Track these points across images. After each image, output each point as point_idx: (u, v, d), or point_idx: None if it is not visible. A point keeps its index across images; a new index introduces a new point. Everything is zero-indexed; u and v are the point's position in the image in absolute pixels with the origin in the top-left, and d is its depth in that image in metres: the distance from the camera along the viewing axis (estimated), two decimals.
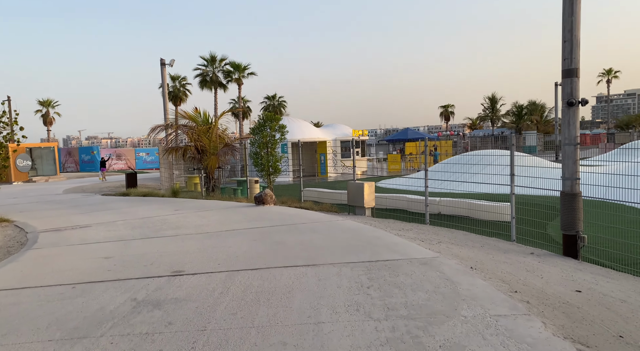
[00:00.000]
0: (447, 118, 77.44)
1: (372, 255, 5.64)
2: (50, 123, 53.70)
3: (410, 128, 50.18)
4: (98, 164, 40.08)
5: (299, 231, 7.50)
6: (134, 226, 8.77)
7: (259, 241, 6.80)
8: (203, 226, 8.43)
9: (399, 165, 29.92)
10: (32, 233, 8.46)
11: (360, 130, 29.08)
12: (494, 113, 59.47)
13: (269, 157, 12.69)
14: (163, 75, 22.30)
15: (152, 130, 13.76)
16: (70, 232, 8.41)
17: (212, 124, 14.33)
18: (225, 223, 8.69)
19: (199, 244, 6.77)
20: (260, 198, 11.14)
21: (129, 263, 5.77)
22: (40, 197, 16.53)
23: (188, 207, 11.54)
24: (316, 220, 8.69)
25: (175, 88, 47.80)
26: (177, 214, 10.18)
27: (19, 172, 26.05)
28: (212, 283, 4.74)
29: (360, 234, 7.08)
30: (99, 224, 9.19)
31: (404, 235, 7.75)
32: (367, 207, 11.24)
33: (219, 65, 44.24)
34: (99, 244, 7.08)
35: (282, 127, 12.93)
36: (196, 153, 14.23)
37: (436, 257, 5.51)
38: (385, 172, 29.67)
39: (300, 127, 26.86)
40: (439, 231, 9.14)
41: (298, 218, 8.88)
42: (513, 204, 8.46)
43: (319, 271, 5.02)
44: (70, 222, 9.71)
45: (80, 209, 12.01)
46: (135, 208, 11.79)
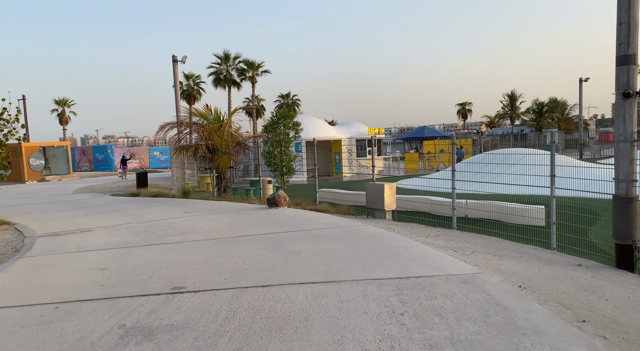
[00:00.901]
0: (464, 116, 75.88)
1: (401, 270, 4.88)
2: (66, 122, 53.92)
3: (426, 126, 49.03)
4: (112, 163, 40.01)
5: (315, 238, 6.78)
6: (137, 230, 8.15)
7: (271, 250, 6.09)
8: (211, 231, 7.77)
9: (417, 164, 28.99)
10: (30, 238, 7.90)
11: (376, 128, 28.25)
12: (514, 111, 57.87)
13: (282, 156, 12.00)
14: (175, 72, 21.78)
15: (160, 128, 13.19)
16: (69, 237, 7.82)
17: (223, 122, 13.69)
18: (235, 227, 8.01)
19: (205, 253, 6.10)
20: (273, 200, 10.45)
21: (125, 276, 5.11)
22: (49, 197, 16.12)
23: (198, 208, 10.91)
24: (334, 225, 7.95)
25: (189, 87, 47.44)
26: (186, 217, 9.55)
27: (32, 171, 25.86)
28: (216, 304, 4.04)
29: (385, 243, 6.32)
30: (102, 228, 8.60)
31: (432, 243, 6.97)
32: (387, 210, 10.46)
33: (233, 63, 43.74)
34: (96, 252, 6.46)
35: (297, 125, 12.22)
36: (207, 153, 13.61)
37: (477, 273, 4.72)
38: (402, 171, 28.79)
39: (314, 126, 26.14)
40: (469, 237, 8.33)
41: (314, 223, 8.16)
42: (554, 208, 7.61)
43: (340, 290, 4.28)
44: (73, 225, 9.15)
45: (85, 211, 11.48)
46: (143, 210, 11.21)
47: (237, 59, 43.60)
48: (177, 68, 21.68)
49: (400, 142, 51.25)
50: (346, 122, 29.76)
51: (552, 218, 7.57)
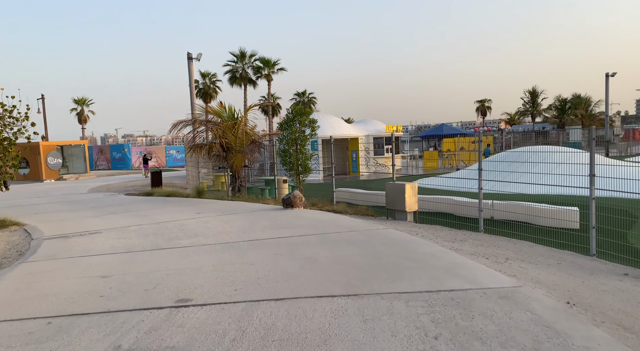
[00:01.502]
0: (483, 113, 74.31)
1: (430, 282, 4.37)
2: (84, 121, 54.45)
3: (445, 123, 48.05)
4: (129, 162, 40.16)
5: (333, 243, 6.30)
6: (147, 233, 7.80)
7: (285, 256, 5.64)
8: (223, 234, 7.36)
9: (436, 162, 28.25)
10: (37, 241, 7.62)
11: (394, 126, 27.60)
12: (535, 108, 56.28)
13: (298, 155, 11.55)
14: (190, 69, 21.52)
15: (173, 126, 12.87)
16: (76, 239, 7.50)
17: (238, 120, 13.31)
18: (248, 230, 7.59)
19: (216, 259, 5.68)
20: (289, 200, 10.00)
21: (128, 285, 4.71)
22: (64, 196, 16.00)
23: (210, 209, 10.54)
24: (352, 228, 7.46)
25: (205, 85, 47.39)
26: (198, 218, 9.18)
27: (49, 170, 25.97)
28: (224, 321, 3.61)
29: (409, 249, 5.81)
30: (111, 230, 8.27)
31: (460, 248, 6.43)
32: (408, 211, 9.92)
33: (249, 61, 43.47)
34: (101, 257, 6.10)
35: (313, 122, 11.75)
36: (221, 151, 13.25)
37: (517, 286, 4.18)
38: (421, 170, 28.09)
39: (331, 123, 25.64)
40: (499, 242, 7.75)
41: (331, 226, 7.68)
42: (593, 211, 6.98)
43: (363, 305, 3.80)
44: (82, 226, 8.86)
45: (97, 211, 11.22)
46: (155, 210, 10.89)
47: (253, 56, 43.33)
48: (192, 65, 21.40)
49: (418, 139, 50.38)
50: (363, 120, 29.18)
51: (591, 222, 6.95)
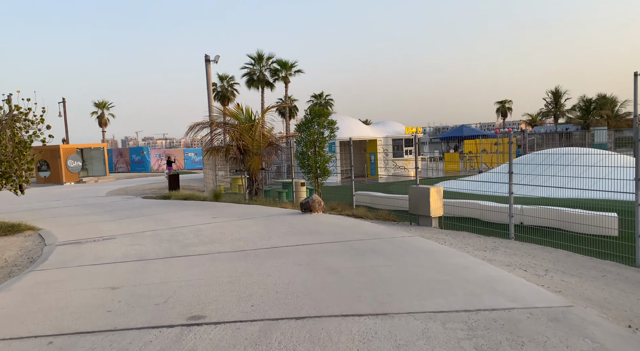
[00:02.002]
0: (504, 114, 72.85)
1: (467, 299, 3.93)
2: (105, 124, 55.20)
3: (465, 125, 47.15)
4: (148, 165, 40.44)
5: (357, 252, 5.90)
6: (161, 239, 7.52)
7: (305, 267, 5.26)
8: (240, 240, 7.03)
9: (457, 165, 27.57)
10: (49, 247, 7.41)
11: (413, 127, 27.04)
12: (558, 109, 54.79)
13: (316, 158, 11.18)
14: (208, 72, 21.38)
15: (190, 129, 12.65)
16: (89, 245, 7.27)
17: (255, 122, 13.02)
18: (265, 237, 7.24)
19: (231, 269, 5.34)
20: (307, 205, 9.64)
21: (138, 298, 4.40)
22: (81, 199, 15.96)
23: (227, 213, 10.25)
24: (376, 235, 7.05)
25: (223, 88, 47.50)
26: (214, 223, 8.88)
27: (69, 172, 26.18)
28: (239, 343, 3.24)
29: (439, 259, 5.37)
30: (125, 235, 8.03)
31: (494, 259, 5.96)
32: (433, 217, 9.45)
33: (266, 64, 43.37)
34: (113, 265, 5.82)
35: (332, 123, 11.37)
36: (238, 154, 12.97)
37: (568, 306, 3.72)
38: (442, 172, 27.44)
39: (348, 125, 25.21)
40: (533, 250, 7.24)
41: (353, 232, 7.28)
42: (639, 218, 6.42)
43: (394, 327, 3.40)
44: (97, 231, 8.65)
45: (113, 215, 11.05)
46: (171, 214, 10.65)
47: (270, 59, 43.22)
48: (209, 68, 21.27)
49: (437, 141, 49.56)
50: (382, 121, 28.68)
51: (637, 230, 6.39)
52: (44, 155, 26.79)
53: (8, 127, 8.81)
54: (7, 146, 8.58)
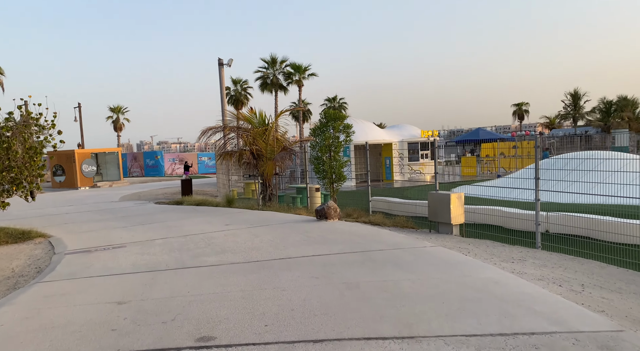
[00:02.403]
0: (520, 117, 71.72)
1: (502, 320, 3.57)
2: (120, 129, 55.70)
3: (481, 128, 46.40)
4: (162, 169, 40.59)
5: (376, 264, 5.56)
6: (172, 247, 7.27)
7: (322, 280, 4.94)
8: (253, 250, 6.74)
9: (474, 169, 26.98)
10: (58, 255, 7.22)
11: (429, 130, 26.57)
12: (577, 111, 53.64)
13: (331, 162, 10.87)
14: (221, 76, 21.27)
15: (202, 133, 12.46)
16: (99, 254, 7.05)
17: (268, 126, 12.77)
18: (279, 246, 6.94)
19: (244, 282, 5.04)
20: (322, 212, 9.32)
21: (145, 315, 4.13)
22: (94, 204, 15.89)
23: (240, 220, 9.98)
24: (395, 244, 6.69)
25: (237, 92, 47.58)
26: (226, 231, 8.62)
27: (84, 177, 26.30)
28: None
29: (465, 273, 5.01)
30: (136, 243, 7.80)
31: (524, 272, 5.56)
32: (454, 224, 9.05)
33: (280, 67, 43.33)
34: (121, 277, 5.58)
35: (348, 127, 11.05)
36: (251, 158, 12.74)
37: (618, 330, 3.33)
38: (458, 176, 26.88)
39: (363, 129, 24.85)
40: (563, 261, 6.81)
41: (371, 241, 6.94)
42: None
43: None
44: (107, 239, 8.45)
45: (125, 221, 10.87)
46: (183, 221, 10.43)
47: (284, 62, 43.17)
48: (222, 71, 21.15)
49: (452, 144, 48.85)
50: (397, 125, 28.26)
51: None
52: (60, 159, 27.02)
53: (19, 133, 8.68)
54: (17, 152, 8.45)
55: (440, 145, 36.12)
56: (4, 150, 8.47)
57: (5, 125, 8.73)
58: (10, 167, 8.54)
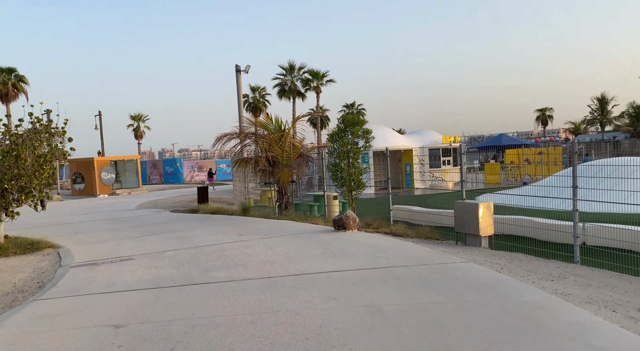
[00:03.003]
0: (544, 122, 69.94)
1: None
2: (140, 136, 56.28)
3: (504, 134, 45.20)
4: (181, 176, 40.70)
5: (401, 283, 5.01)
6: (182, 261, 6.86)
7: (341, 302, 4.43)
8: (266, 264, 6.27)
9: (498, 176, 26.06)
10: (63, 268, 6.88)
11: (451, 136, 25.83)
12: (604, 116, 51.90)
13: (350, 169, 10.36)
14: (238, 82, 21.04)
15: (217, 140, 12.11)
16: (105, 268, 6.68)
17: (285, 131, 12.35)
18: (295, 259, 6.45)
19: (254, 302, 4.56)
20: (341, 222, 8.81)
21: (141, 342, 3.68)
22: (110, 212, 15.70)
23: (255, 230, 9.55)
24: (421, 259, 6.13)
25: (255, 99, 47.55)
26: (240, 242, 8.18)
27: (103, 185, 26.37)
28: None
29: (504, 295, 4.42)
30: (144, 256, 7.42)
31: (568, 292, 4.93)
32: (483, 236, 8.41)
33: (298, 74, 43.13)
34: (124, 295, 5.16)
35: (367, 133, 10.54)
36: (267, 165, 12.32)
37: None
38: (482, 184, 26.00)
39: (382, 135, 24.26)
40: (607, 278, 6.13)
41: (394, 256, 6.39)
42: None
43: None
44: (116, 250, 8.10)
45: (137, 231, 10.55)
46: (196, 230, 10.06)
47: (302, 69, 42.95)
48: (240, 78, 20.92)
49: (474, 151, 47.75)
50: (417, 130, 27.59)
51: None
52: (79, 167, 27.19)
53: (29, 140, 8.45)
54: (26, 160, 8.20)
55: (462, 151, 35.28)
56: (13, 158, 8.24)
57: (15, 133, 8.52)
58: (19, 175, 8.31)
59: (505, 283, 4.90)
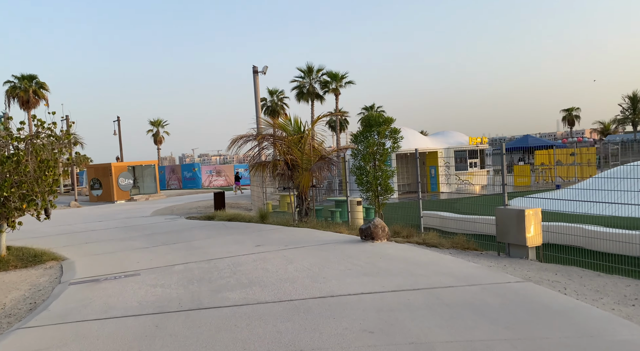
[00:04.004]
0: (571, 123, 67.60)
1: None
2: (160, 142, 56.40)
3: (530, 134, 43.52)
4: (199, 181, 40.34)
5: (451, 310, 4.12)
6: (192, 277, 6.10)
7: (379, 338, 3.57)
8: (286, 282, 5.46)
9: (528, 178, 24.75)
10: (62, 286, 6.20)
11: (478, 137, 24.67)
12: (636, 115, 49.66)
13: (376, 173, 9.50)
14: (255, 83, 20.38)
15: (232, 143, 11.39)
16: (106, 286, 5.97)
17: (304, 133, 11.56)
18: (319, 277, 5.62)
19: (271, 336, 3.75)
20: (368, 231, 7.94)
21: None
22: (124, 220, 15.16)
23: (273, 239, 8.76)
24: (468, 278, 5.23)
25: (273, 102, 47.02)
26: (256, 254, 7.39)
27: (120, 190, 26.03)
28: None
29: (586, 330, 3.50)
30: (152, 270, 6.70)
31: None
32: (530, 247, 7.43)
33: (316, 76, 42.40)
34: (119, 322, 4.41)
35: (395, 132, 9.63)
36: (286, 169, 11.54)
37: None
38: (511, 187, 24.72)
39: (406, 136, 23.11)
40: None
41: (435, 273, 5.50)
42: None
43: None
44: (123, 263, 7.41)
45: (149, 241, 9.88)
46: (210, 240, 9.33)
47: (320, 71, 42.22)
48: (257, 79, 20.26)
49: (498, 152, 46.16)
50: (441, 132, 26.48)
51: None
52: (97, 173, 26.94)
53: (31, 144, 7.85)
54: (27, 165, 7.59)
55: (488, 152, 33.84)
56: (13, 163, 7.65)
57: (17, 136, 7.93)
58: (20, 182, 7.71)
59: (579, 311, 3.97)
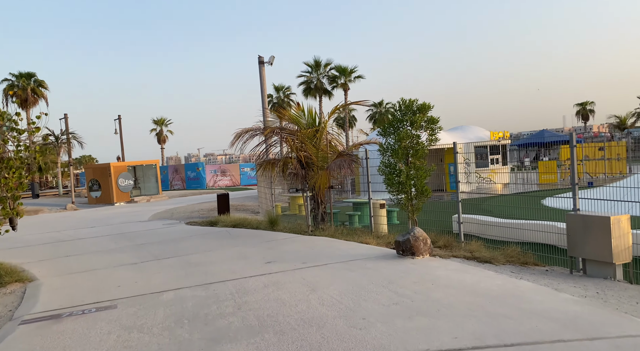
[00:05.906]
0: (585, 117, 65.34)
1: None
2: (163, 141, 54.99)
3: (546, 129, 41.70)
4: (203, 181, 38.85)
5: None
6: (182, 313, 4.55)
7: None
8: (311, 326, 3.89)
9: (555, 175, 23.00)
10: (10, 325, 4.67)
11: (500, 131, 22.98)
12: None
13: (410, 172, 7.91)
14: (261, 74, 18.84)
15: (236, 138, 9.81)
16: (68, 326, 4.43)
17: (320, 126, 9.99)
18: (356, 317, 4.05)
19: None
20: (408, 244, 6.34)
21: None
22: (119, 225, 13.66)
23: (287, 254, 7.21)
24: (574, 323, 3.63)
25: (279, 99, 45.46)
26: (267, 276, 5.84)
27: (120, 192, 24.56)
28: None
29: None
30: (132, 301, 5.15)
31: None
32: (617, 264, 5.81)
33: (324, 71, 40.72)
34: None
35: (433, 122, 8.02)
36: (299, 168, 9.97)
37: None
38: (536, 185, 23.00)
39: None
40: None
41: (520, 313, 3.91)
42: None
43: None
44: (101, 287, 5.89)
45: (140, 253, 8.37)
46: (211, 253, 7.79)
47: (328, 65, 40.54)
48: (263, 70, 18.72)
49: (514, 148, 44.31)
50: (460, 126, 24.78)
51: None
52: (95, 174, 25.51)
53: None
54: None
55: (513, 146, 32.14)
56: None
57: None
58: None
59: None
